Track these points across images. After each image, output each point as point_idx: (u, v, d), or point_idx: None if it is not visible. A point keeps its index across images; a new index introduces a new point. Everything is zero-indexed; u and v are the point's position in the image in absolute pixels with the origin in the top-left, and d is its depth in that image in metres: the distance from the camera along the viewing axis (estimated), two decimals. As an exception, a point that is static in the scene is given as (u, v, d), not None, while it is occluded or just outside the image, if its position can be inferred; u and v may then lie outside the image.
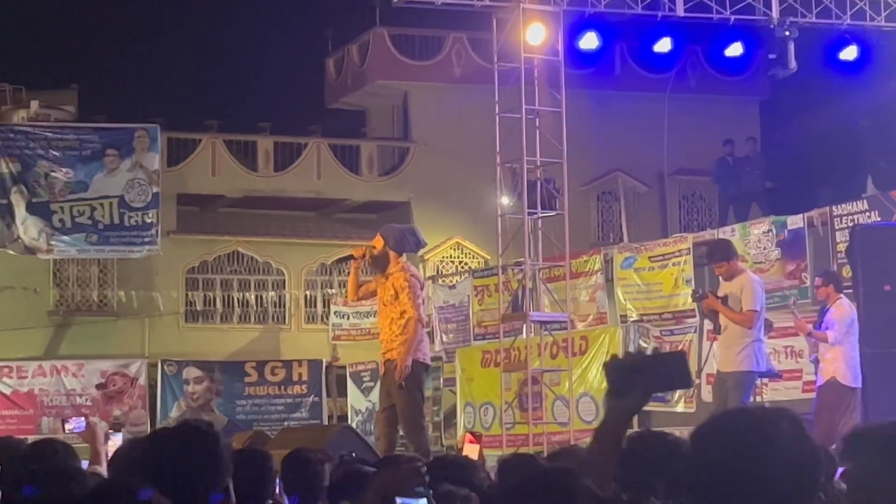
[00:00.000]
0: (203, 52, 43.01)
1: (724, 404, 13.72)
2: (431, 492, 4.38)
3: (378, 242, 12.91)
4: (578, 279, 23.55)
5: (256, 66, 42.65)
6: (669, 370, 3.92)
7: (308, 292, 35.06)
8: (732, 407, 13.15)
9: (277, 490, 6.61)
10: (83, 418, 8.53)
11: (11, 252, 31.33)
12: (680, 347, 21.57)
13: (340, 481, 6.45)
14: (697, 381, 19.71)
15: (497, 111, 21.25)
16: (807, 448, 3.13)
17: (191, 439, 4.17)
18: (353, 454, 8.18)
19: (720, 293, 14.40)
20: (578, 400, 21.86)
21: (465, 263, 34.70)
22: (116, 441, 8.99)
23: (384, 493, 4.60)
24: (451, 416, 26.27)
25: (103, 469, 7.66)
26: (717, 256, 14.79)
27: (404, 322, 12.77)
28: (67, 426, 8.61)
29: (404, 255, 13.06)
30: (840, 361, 14.83)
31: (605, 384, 3.78)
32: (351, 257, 13.28)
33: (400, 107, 37.01)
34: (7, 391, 29.95)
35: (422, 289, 13.05)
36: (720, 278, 14.76)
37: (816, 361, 15.29)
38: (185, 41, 44.13)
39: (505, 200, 22.61)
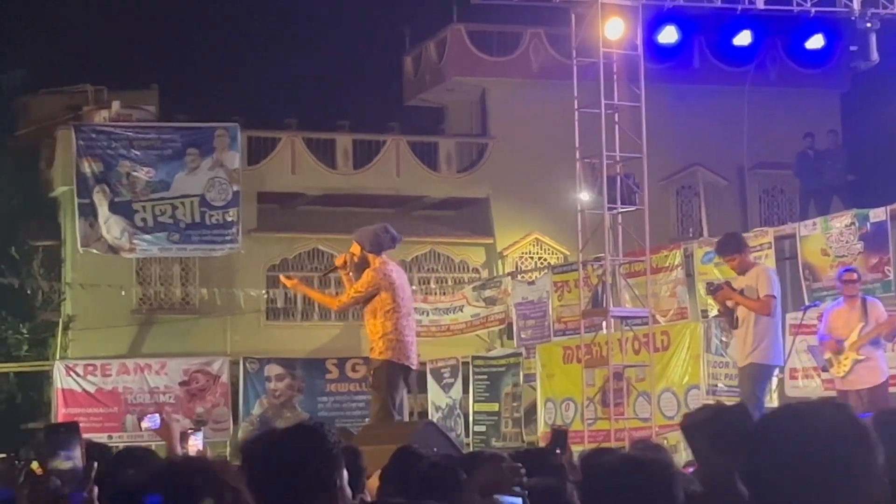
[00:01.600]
0: (282, 51, 43.24)
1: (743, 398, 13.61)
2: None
3: (355, 248, 12.83)
4: (659, 274, 23.42)
5: (335, 64, 42.76)
6: None
7: (388, 289, 35.13)
8: (746, 399, 13.05)
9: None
10: (157, 415, 8.56)
11: (95, 251, 31.67)
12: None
13: (429, 478, 6.44)
14: (781, 376, 19.54)
15: (576, 106, 21.20)
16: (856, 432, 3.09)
17: (310, 438, 4.26)
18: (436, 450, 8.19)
19: (736, 286, 14.27)
20: (660, 396, 21.77)
21: (544, 259, 34.65)
22: (197, 441, 9.03)
23: (484, 490, 4.62)
24: (531, 412, 26.23)
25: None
26: (727, 249, 14.63)
27: (387, 319, 12.62)
28: (144, 424, 8.64)
29: (383, 253, 12.94)
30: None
31: (687, 379, 3.79)
32: (333, 269, 13.18)
33: (478, 103, 37.01)
34: (92, 389, 30.23)
35: (387, 290, 12.69)
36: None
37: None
38: (264, 40, 44.38)
39: (584, 196, 22.55)
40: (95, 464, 4.03)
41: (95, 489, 3.97)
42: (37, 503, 3.96)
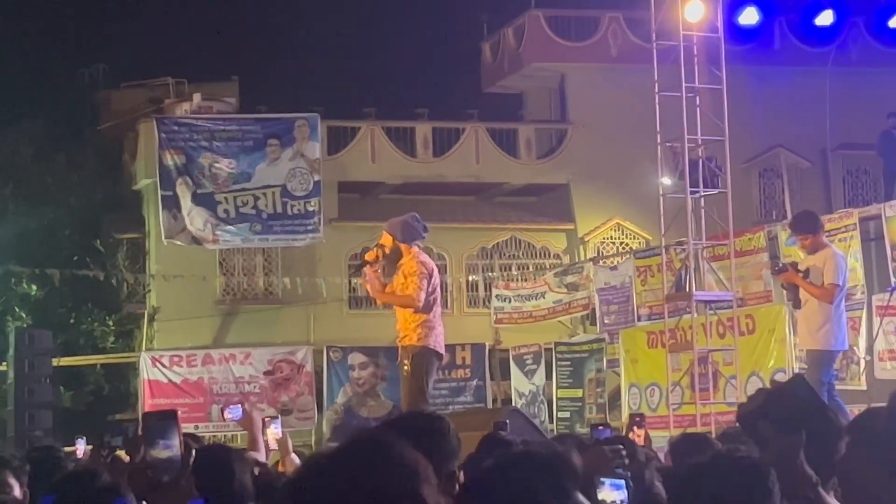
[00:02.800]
0: (360, 41, 43.37)
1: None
2: None
3: (386, 240, 12.64)
4: (742, 257, 23.23)
5: (413, 53, 42.84)
6: None
7: (469, 276, 35.17)
8: (812, 385, 12.87)
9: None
10: (240, 406, 8.56)
11: (179, 243, 31.92)
12: (849, 325, 21.21)
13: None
14: (868, 358, 19.36)
15: (656, 90, 21.08)
16: None
17: (426, 426, 4.29)
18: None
19: (801, 266, 14.04)
20: (747, 380, 21.61)
21: (626, 244, 34.53)
22: (276, 429, 9.00)
23: (586, 473, 4.58)
24: (615, 397, 26.16)
25: (262, 455, 7.74)
26: (803, 228, 14.32)
27: (423, 307, 12.51)
28: (226, 414, 8.64)
29: (415, 244, 12.78)
30: None
31: (772, 363, 3.72)
32: (366, 263, 12.99)
33: (557, 89, 36.92)
34: (177, 380, 30.45)
35: (430, 277, 12.62)
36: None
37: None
38: (343, 30, 44.51)
39: (666, 180, 22.44)
40: (194, 451, 4.05)
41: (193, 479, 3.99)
42: (137, 490, 3.98)
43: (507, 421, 8.87)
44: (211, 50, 41.28)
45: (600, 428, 7.30)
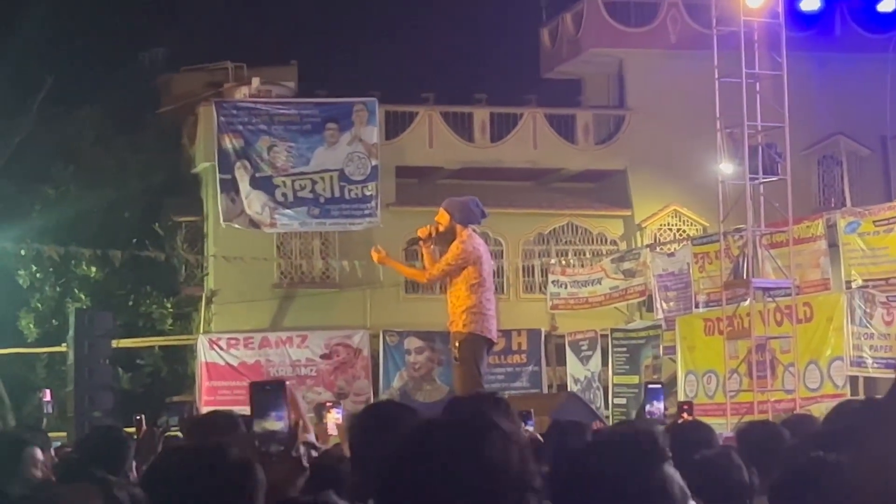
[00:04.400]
0: (418, 25, 43.34)
1: None
2: None
3: (443, 217, 12.48)
4: (801, 245, 23.15)
5: (471, 37, 42.78)
6: None
7: (526, 262, 35.15)
8: None
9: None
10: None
11: (237, 226, 32.06)
12: None
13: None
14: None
15: (716, 76, 21.02)
16: None
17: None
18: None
19: None
20: (805, 368, 21.52)
21: (683, 231, 34.41)
22: (338, 414, 8.89)
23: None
24: (671, 384, 26.11)
25: (311, 436, 7.75)
26: None
27: (470, 292, 12.40)
28: None
29: (470, 226, 12.66)
30: None
31: (830, 351, 3.68)
32: (418, 240, 12.83)
33: (615, 74, 36.80)
34: (234, 362, 30.62)
35: (474, 264, 12.49)
36: None
37: None
38: (400, 14, 44.49)
39: (725, 167, 22.36)
40: (301, 422, 4.05)
41: (301, 448, 3.98)
42: None
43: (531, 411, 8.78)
44: (270, 34, 41.41)
45: (651, 386, 7.37)
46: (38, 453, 5.81)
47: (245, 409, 4.98)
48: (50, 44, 34.79)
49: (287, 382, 4.52)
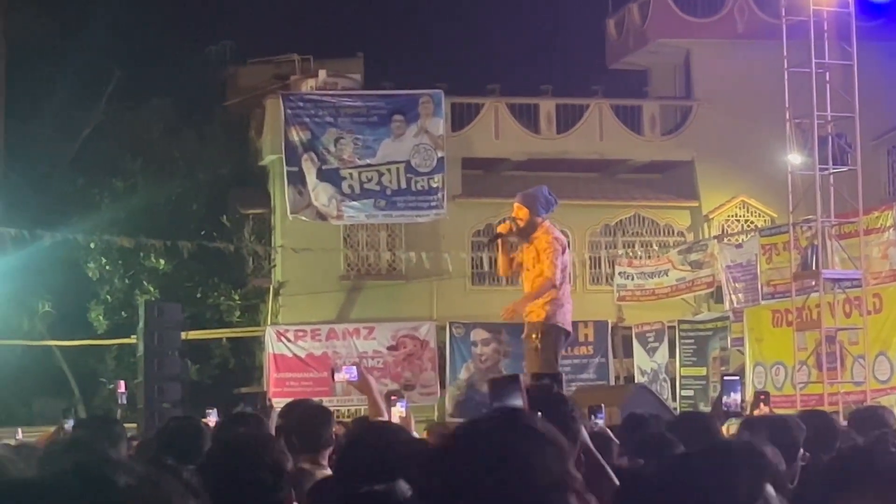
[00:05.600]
0: (484, 17, 43.33)
1: None
2: None
3: (521, 211, 12.48)
4: (870, 235, 22.96)
5: (537, 29, 42.76)
6: None
7: (592, 254, 35.06)
8: None
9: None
10: (354, 367, 8.26)
11: (304, 218, 32.16)
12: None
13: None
14: None
15: (785, 66, 20.87)
16: None
17: (544, 402, 4.36)
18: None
19: None
20: (875, 359, 21.35)
21: (751, 222, 34.20)
22: (402, 406, 8.85)
23: None
24: (739, 376, 25.97)
25: (386, 419, 7.75)
26: None
27: (542, 281, 12.43)
28: (338, 375, 8.17)
29: (547, 217, 12.64)
30: None
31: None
32: (499, 236, 12.79)
33: (682, 65, 36.63)
34: (302, 354, 30.76)
35: (563, 253, 12.55)
36: None
37: None
38: (467, 6, 44.51)
39: (794, 157, 22.21)
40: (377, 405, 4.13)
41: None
42: None
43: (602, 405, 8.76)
44: (336, 26, 41.54)
45: (727, 377, 7.36)
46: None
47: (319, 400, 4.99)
48: (119, 38, 35.10)
49: (359, 365, 4.55)
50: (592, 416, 7.48)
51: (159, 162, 34.47)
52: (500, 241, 12.73)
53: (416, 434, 9.87)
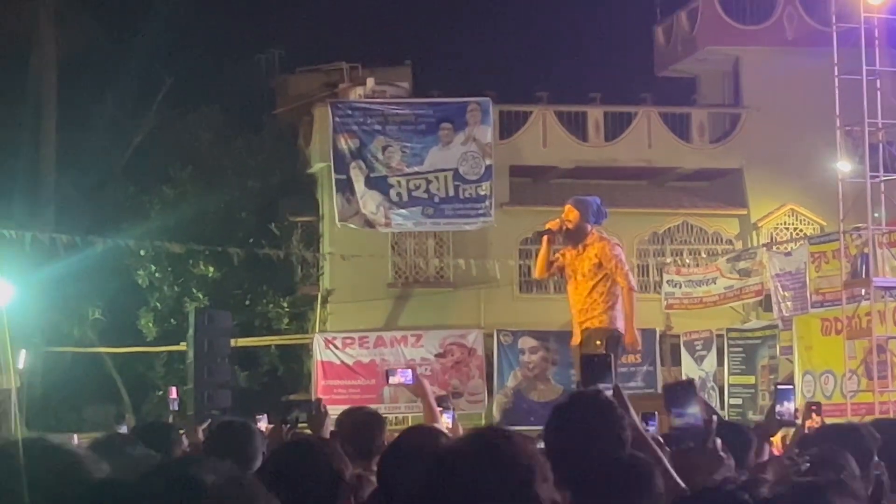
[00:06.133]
0: (532, 25, 43.36)
1: None
2: None
3: (572, 214, 12.45)
4: (922, 244, 22.84)
5: (585, 36, 42.74)
6: None
7: (640, 261, 34.96)
8: None
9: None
10: (410, 370, 8.22)
11: (352, 226, 32.23)
12: None
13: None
14: None
15: (836, 73, 20.78)
16: None
17: (592, 406, 4.37)
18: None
19: None
20: (926, 368, 21.25)
21: (800, 230, 34.05)
22: (448, 418, 8.82)
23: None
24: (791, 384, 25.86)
25: (440, 425, 7.79)
26: None
27: (611, 291, 12.39)
28: (392, 378, 8.12)
29: (596, 227, 12.62)
30: None
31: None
32: (549, 231, 12.73)
33: (731, 72, 36.52)
34: (350, 361, 30.83)
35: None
36: None
37: None
38: (514, 15, 44.55)
39: (844, 165, 22.12)
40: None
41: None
42: None
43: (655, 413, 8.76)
44: (384, 35, 41.61)
45: (781, 386, 7.35)
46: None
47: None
48: (169, 46, 35.32)
49: (415, 369, 4.59)
50: (645, 423, 7.46)
51: (209, 170, 34.64)
52: (547, 237, 12.73)
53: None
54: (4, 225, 27.30)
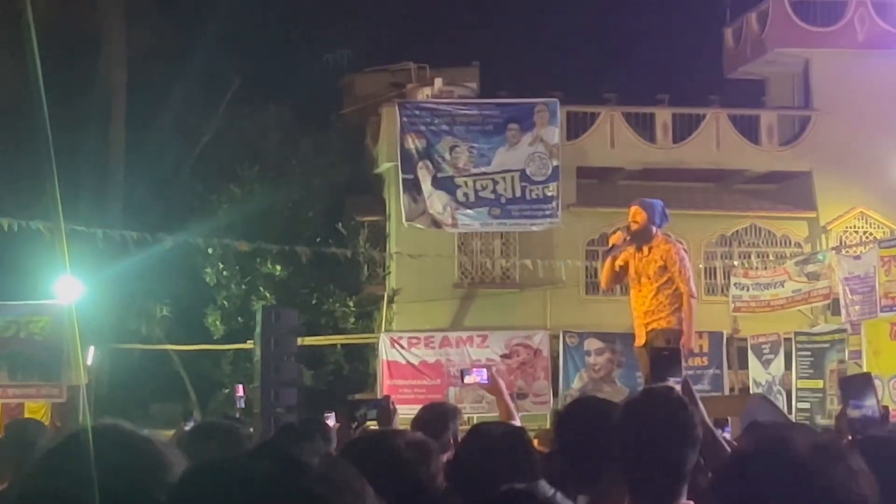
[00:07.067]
0: (601, 26, 43.26)
1: None
2: None
3: (639, 216, 12.36)
4: None
5: (654, 38, 42.60)
6: None
7: (707, 264, 34.82)
8: None
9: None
10: (485, 369, 8.14)
11: (419, 226, 32.27)
12: None
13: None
14: None
15: (908, 75, 20.61)
16: None
17: (662, 406, 4.36)
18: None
19: None
20: None
21: (870, 233, 33.79)
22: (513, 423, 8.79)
23: None
24: (859, 389, 25.64)
25: (517, 422, 7.77)
26: None
27: (676, 293, 12.31)
28: (467, 378, 8.00)
29: (660, 230, 12.53)
30: None
31: None
32: (614, 248, 12.63)
33: (800, 75, 36.30)
34: (415, 361, 30.82)
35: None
36: None
37: None
38: (582, 15, 44.46)
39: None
40: (508, 409, 4.19)
41: None
42: None
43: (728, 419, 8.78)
44: (452, 35, 41.64)
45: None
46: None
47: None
48: (237, 46, 35.49)
49: (490, 368, 4.59)
50: (720, 430, 7.43)
51: (276, 169, 34.79)
52: (612, 255, 12.67)
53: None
54: (73, 223, 27.50)
